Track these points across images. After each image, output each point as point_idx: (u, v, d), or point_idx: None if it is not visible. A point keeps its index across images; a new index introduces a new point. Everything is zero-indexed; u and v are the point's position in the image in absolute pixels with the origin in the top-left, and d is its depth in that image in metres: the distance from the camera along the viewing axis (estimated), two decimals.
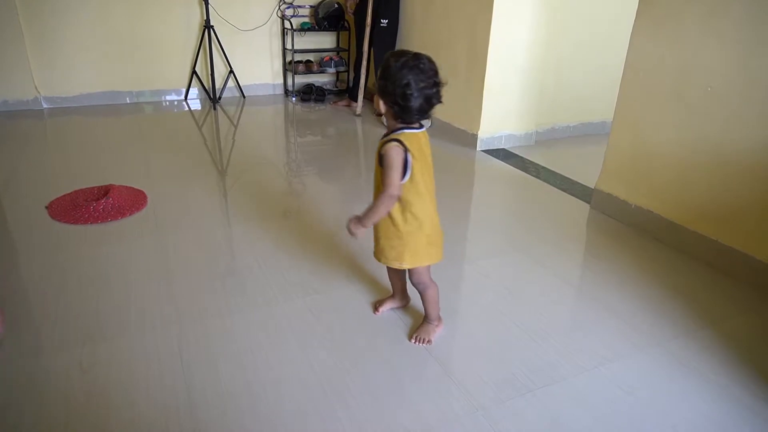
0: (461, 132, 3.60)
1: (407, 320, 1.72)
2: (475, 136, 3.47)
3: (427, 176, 1.46)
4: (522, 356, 1.57)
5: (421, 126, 1.45)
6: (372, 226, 1.51)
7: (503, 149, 3.51)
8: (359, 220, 1.48)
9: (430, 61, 1.39)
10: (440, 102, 1.39)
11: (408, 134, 1.40)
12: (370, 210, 1.46)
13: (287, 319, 1.71)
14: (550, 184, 2.95)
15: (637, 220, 2.43)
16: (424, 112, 1.38)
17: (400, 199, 1.44)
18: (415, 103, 1.35)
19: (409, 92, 1.33)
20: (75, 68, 4.16)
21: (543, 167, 3.20)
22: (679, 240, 2.24)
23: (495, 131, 3.49)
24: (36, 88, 4.08)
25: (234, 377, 1.44)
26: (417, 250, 1.51)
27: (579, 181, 2.98)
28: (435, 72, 1.37)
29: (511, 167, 3.21)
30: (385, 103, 1.40)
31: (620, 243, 2.32)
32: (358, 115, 4.27)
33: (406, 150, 1.38)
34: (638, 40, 2.32)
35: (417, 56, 1.37)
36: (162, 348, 1.55)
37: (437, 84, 1.37)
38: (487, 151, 3.46)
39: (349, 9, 4.46)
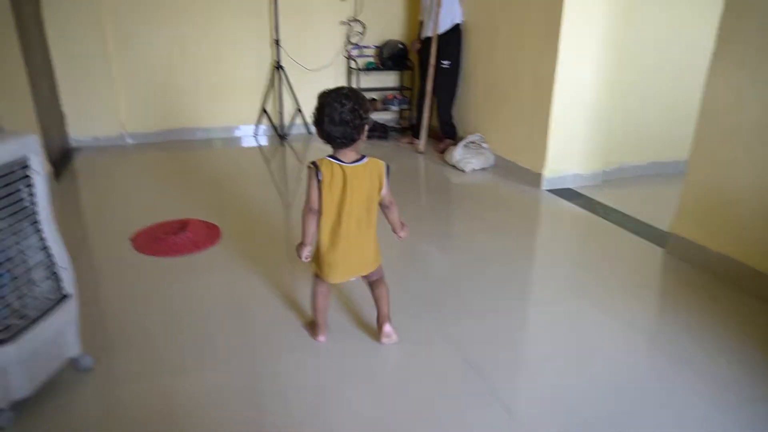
0: (525, 171, 3.57)
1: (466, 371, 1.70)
2: (539, 176, 3.43)
3: (335, 202, 1.60)
4: (593, 408, 1.51)
5: (358, 159, 1.59)
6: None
7: (569, 189, 3.45)
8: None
9: (346, 96, 1.52)
10: (330, 141, 1.55)
11: (327, 161, 1.58)
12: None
13: (353, 357, 1.72)
14: (621, 227, 2.86)
15: (717, 267, 2.31)
16: (331, 140, 1.55)
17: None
18: (322, 132, 1.55)
19: (316, 123, 1.55)
20: (155, 105, 4.46)
21: (612, 208, 3.12)
22: (765, 290, 2.11)
23: (561, 170, 3.44)
24: (121, 124, 4.39)
25: (306, 413, 1.46)
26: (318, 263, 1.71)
27: (651, 224, 2.87)
28: (329, 116, 1.51)
29: (578, 208, 3.14)
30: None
31: (698, 291, 2.20)
32: (421, 152, 4.33)
33: (317, 172, 1.57)
34: (716, 78, 2.25)
35: (335, 91, 1.54)
36: (237, 382, 1.59)
37: (331, 126, 1.51)
38: (553, 191, 3.41)
39: (413, 48, 4.57)
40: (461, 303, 2.08)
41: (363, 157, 1.62)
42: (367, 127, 1.60)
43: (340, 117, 1.51)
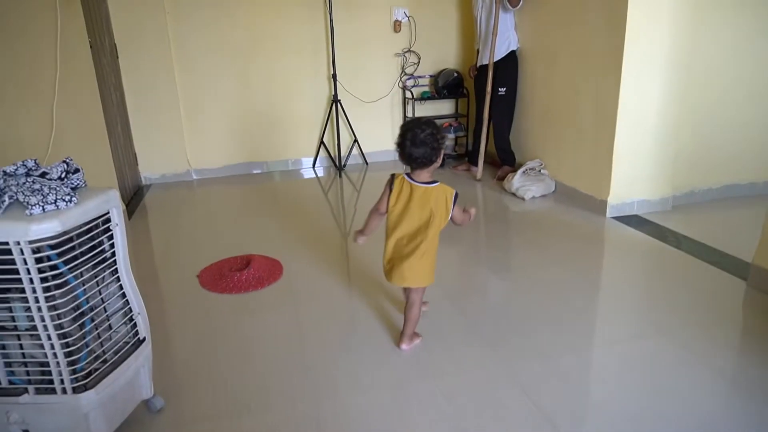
0: (589, 198, 3.45)
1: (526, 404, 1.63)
2: (604, 203, 3.31)
3: (398, 214, 1.86)
4: None
5: (429, 180, 1.84)
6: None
7: (636, 216, 3.30)
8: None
9: (426, 123, 1.80)
10: (409, 161, 1.82)
11: (401, 177, 1.87)
12: None
13: (418, 398, 1.70)
14: (694, 256, 2.70)
15: None
16: (411, 161, 1.81)
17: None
18: (403, 154, 1.82)
19: (399, 146, 1.83)
20: (219, 142, 4.66)
21: (684, 236, 2.96)
22: None
23: (626, 196, 3.31)
24: (188, 161, 4.62)
25: None
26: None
27: (730, 253, 2.69)
28: (411, 139, 1.77)
29: (646, 236, 3.00)
30: None
31: None
32: (479, 180, 4.29)
33: (391, 184, 1.87)
34: None
35: (417, 119, 1.85)
36: (302, 423, 1.60)
37: (413, 147, 1.78)
38: (618, 218, 3.27)
39: (470, 74, 4.57)
40: (525, 339, 2.02)
41: (435, 181, 1.84)
42: (443, 152, 1.85)
43: (421, 140, 1.76)
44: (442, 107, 5.08)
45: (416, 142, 1.76)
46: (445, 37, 4.94)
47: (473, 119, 4.75)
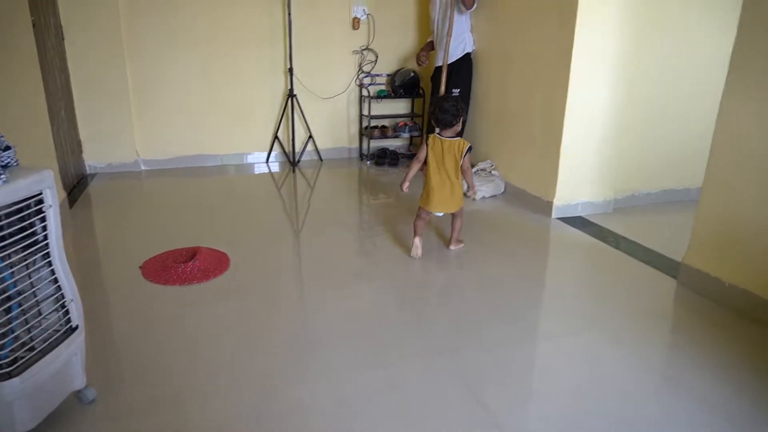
0: (536, 199, 3.56)
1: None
2: (550, 204, 3.42)
3: (436, 161, 2.68)
4: None
5: (453, 136, 2.67)
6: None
7: (580, 217, 3.42)
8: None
9: (449, 99, 2.69)
10: (438, 124, 2.66)
11: (434, 136, 2.69)
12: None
13: (361, 390, 1.71)
14: (632, 256, 2.83)
15: (732, 299, 2.27)
16: (438, 123, 2.65)
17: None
18: (435, 118, 2.66)
19: (431, 113, 2.71)
20: (171, 132, 4.53)
21: (623, 237, 3.09)
22: None
23: (571, 198, 3.43)
24: (137, 151, 4.47)
25: None
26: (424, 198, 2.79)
27: (663, 254, 2.83)
28: (439, 108, 2.64)
29: (588, 236, 3.12)
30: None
31: (712, 324, 2.16)
32: None
33: (427, 143, 2.71)
34: (728, 111, 2.25)
35: (443, 97, 3.02)
36: (242, 417, 1.58)
37: (440, 114, 2.63)
38: (563, 219, 3.39)
39: (418, 61, 4.57)
40: (469, 333, 2.06)
41: (457, 136, 2.67)
42: (462, 119, 2.67)
43: (446, 109, 2.60)
44: (398, 106, 5.12)
45: (443, 110, 2.60)
46: (403, 37, 4.98)
47: (428, 119, 4.80)
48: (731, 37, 2.20)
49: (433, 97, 2.76)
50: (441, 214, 2.83)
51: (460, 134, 2.73)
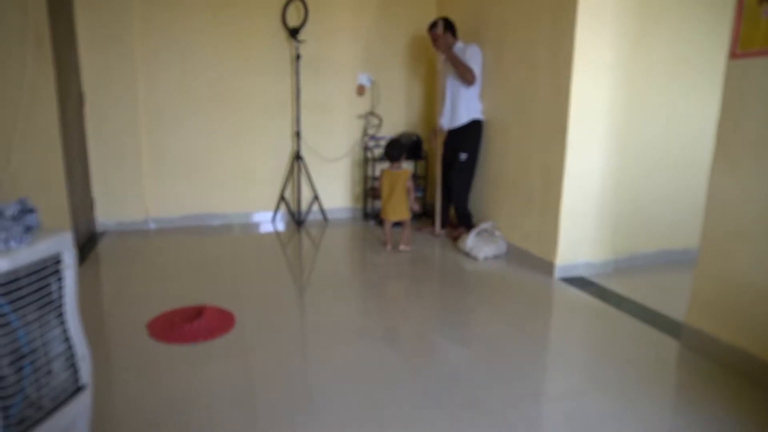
0: (538, 259, 3.61)
1: None
2: (551, 264, 3.46)
3: (389, 186, 4.01)
4: None
5: (400, 167, 4.00)
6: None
7: (581, 277, 3.46)
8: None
9: (398, 140, 4.26)
10: (390, 159, 4.03)
11: (385, 169, 4.03)
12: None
13: None
14: (633, 317, 2.84)
15: (731, 360, 2.27)
16: (390, 158, 4.02)
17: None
18: (387, 155, 4.04)
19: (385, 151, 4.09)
20: (180, 192, 4.67)
21: (624, 297, 3.11)
22: None
23: (572, 259, 3.48)
24: (146, 209, 4.59)
25: None
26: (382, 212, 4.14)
27: (665, 314, 2.85)
28: (390, 149, 4.04)
29: (591, 297, 3.14)
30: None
31: (714, 386, 2.15)
32: (437, 236, 4.49)
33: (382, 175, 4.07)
34: (718, 174, 2.34)
35: (394, 139, 4.45)
36: None
37: (391, 152, 4.03)
38: (565, 279, 3.42)
39: (429, 139, 4.75)
40: (471, 395, 2.06)
41: (401, 166, 3.97)
42: (404, 156, 4.05)
43: (394, 149, 3.98)
44: None
45: (392, 150, 3.99)
46: (406, 102, 5.20)
47: (433, 181, 4.93)
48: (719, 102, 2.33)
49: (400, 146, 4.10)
50: (393, 222, 4.09)
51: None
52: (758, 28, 2.13)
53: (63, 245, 1.45)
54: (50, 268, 1.43)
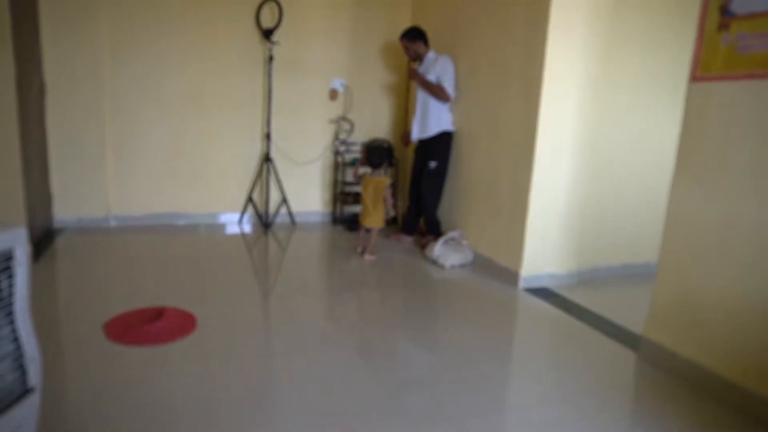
0: (503, 269, 3.65)
1: None
2: (517, 274, 3.51)
3: (368, 192, 4.01)
4: None
5: (380, 174, 4.03)
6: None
7: (545, 288, 3.51)
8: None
9: (381, 145, 4.49)
10: (371, 166, 4.06)
11: (366, 175, 4.05)
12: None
13: None
14: (594, 328, 2.90)
15: (687, 373, 2.34)
16: (372, 165, 4.04)
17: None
18: (368, 161, 4.07)
19: (366, 156, 4.13)
20: (144, 189, 4.55)
21: (586, 309, 3.17)
22: (737, 400, 2.13)
23: (537, 269, 3.53)
24: (107, 207, 4.45)
25: None
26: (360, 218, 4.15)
27: (624, 326, 2.91)
28: (370, 155, 4.09)
29: (554, 308, 3.19)
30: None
31: (670, 399, 2.21)
32: (407, 240, 4.55)
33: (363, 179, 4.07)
34: (678, 193, 2.41)
35: (376, 141, 4.73)
36: None
37: (372, 159, 4.06)
38: (529, 290, 3.47)
39: (402, 140, 4.76)
40: (433, 403, 2.06)
41: (381, 173, 4.01)
42: (386, 163, 4.12)
43: (375, 156, 4.02)
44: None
45: (373, 156, 4.01)
46: (378, 108, 5.21)
47: (404, 188, 4.95)
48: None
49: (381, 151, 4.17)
50: (368, 228, 4.05)
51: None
52: (717, 54, 2.22)
53: (15, 241, 1.39)
54: (0, 264, 1.36)
